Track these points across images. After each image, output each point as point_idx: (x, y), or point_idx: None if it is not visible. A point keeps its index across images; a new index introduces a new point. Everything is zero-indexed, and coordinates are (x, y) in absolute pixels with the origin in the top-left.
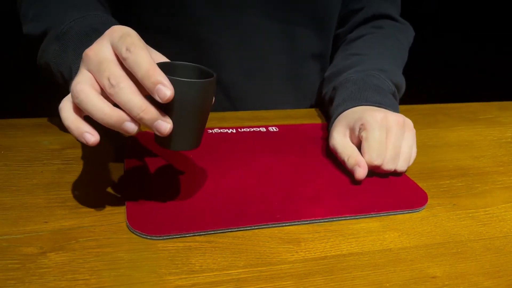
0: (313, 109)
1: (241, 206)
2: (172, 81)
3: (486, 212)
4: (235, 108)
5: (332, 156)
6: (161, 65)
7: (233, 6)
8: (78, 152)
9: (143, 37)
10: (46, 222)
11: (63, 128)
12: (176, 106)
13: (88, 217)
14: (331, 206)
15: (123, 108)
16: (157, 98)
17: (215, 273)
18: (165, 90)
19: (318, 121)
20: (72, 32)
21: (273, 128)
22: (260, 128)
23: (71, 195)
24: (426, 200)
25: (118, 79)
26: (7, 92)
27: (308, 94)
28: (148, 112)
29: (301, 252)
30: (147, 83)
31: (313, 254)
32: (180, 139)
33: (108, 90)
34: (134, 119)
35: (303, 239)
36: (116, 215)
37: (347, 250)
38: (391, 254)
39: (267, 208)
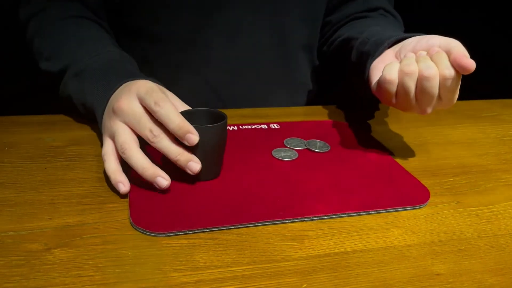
0: (314, 107)
1: (244, 203)
2: (197, 129)
3: (490, 210)
4: (226, 107)
5: (335, 152)
6: (182, 113)
7: (217, 4)
8: (82, 149)
9: (132, 43)
10: (50, 218)
11: (67, 125)
12: (200, 147)
13: (92, 214)
14: (334, 203)
15: (163, 153)
16: (186, 143)
17: (219, 270)
18: (194, 137)
19: (319, 118)
20: (90, 70)
21: (275, 125)
22: (262, 125)
23: (75, 192)
24: (428, 197)
25: (158, 131)
26: (10, 89)
27: (300, 87)
28: (183, 155)
29: (304, 249)
30: (179, 133)
31: (316, 251)
32: (205, 172)
33: (151, 139)
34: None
35: (306, 236)
36: (120, 212)
37: (350, 247)
38: (395, 252)
39: (270, 205)
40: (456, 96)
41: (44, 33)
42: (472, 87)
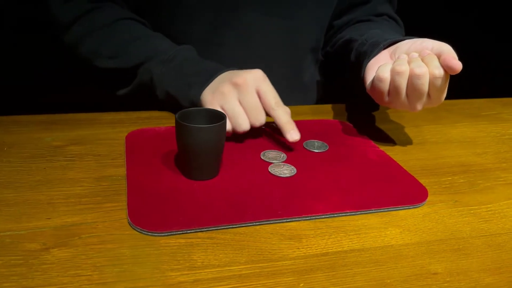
0: (316, 105)
1: (242, 203)
2: (196, 128)
3: (488, 209)
4: None
5: (333, 152)
6: (181, 113)
7: (231, 5)
8: (81, 148)
9: None
10: (49, 218)
11: (67, 125)
12: (199, 147)
13: (91, 213)
14: (333, 202)
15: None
16: (289, 138)
17: (217, 269)
18: (296, 135)
19: (320, 117)
20: (180, 58)
21: (275, 123)
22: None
23: (73, 192)
24: (426, 196)
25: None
26: (10, 88)
27: (310, 87)
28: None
29: (302, 248)
30: (284, 129)
31: (314, 250)
32: (203, 172)
33: (252, 126)
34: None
35: (304, 235)
36: (119, 211)
37: (348, 246)
38: (392, 251)
39: (269, 205)
40: (444, 95)
41: (98, 34)
42: (472, 86)
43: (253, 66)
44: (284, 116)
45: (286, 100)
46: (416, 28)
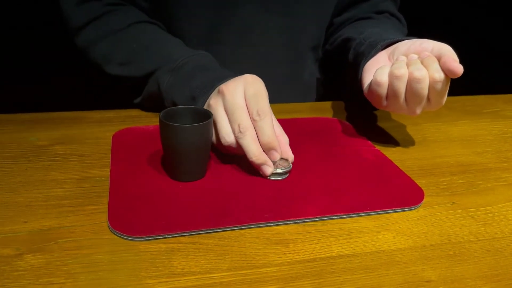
0: (313, 103)
1: (228, 205)
2: (181, 128)
3: (487, 211)
4: None
5: (325, 152)
6: (166, 112)
7: (231, 3)
8: (66, 148)
9: None
10: (25, 222)
11: (53, 124)
12: (184, 147)
13: (70, 216)
14: (323, 204)
15: (243, 149)
16: (261, 171)
17: (197, 277)
18: (276, 154)
19: (317, 115)
20: (187, 67)
21: None
22: None
23: (54, 194)
24: (423, 198)
25: (245, 129)
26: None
27: (310, 85)
28: (259, 159)
29: (289, 254)
30: (265, 148)
31: (301, 256)
32: (188, 173)
33: (236, 133)
34: (253, 162)
35: (292, 240)
36: (99, 215)
37: (337, 251)
38: (384, 256)
39: (256, 207)
40: (445, 98)
41: (110, 39)
42: (474, 82)
43: (253, 64)
44: (264, 136)
45: (286, 98)
46: (418, 26)
